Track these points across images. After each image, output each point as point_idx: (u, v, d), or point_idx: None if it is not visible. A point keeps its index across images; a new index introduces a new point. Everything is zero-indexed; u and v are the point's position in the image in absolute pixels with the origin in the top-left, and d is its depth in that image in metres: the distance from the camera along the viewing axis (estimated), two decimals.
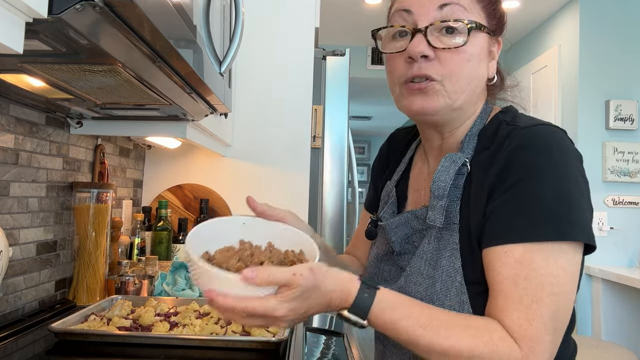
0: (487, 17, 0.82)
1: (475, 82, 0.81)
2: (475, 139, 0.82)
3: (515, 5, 3.71)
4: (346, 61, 2.30)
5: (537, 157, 0.72)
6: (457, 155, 0.80)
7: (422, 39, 0.77)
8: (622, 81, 3.46)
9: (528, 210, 0.71)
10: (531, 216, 0.71)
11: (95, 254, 1.46)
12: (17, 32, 0.58)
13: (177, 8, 0.87)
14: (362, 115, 7.23)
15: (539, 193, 0.71)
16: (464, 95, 0.80)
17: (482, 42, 0.81)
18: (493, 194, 0.74)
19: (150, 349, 1.03)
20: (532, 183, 0.72)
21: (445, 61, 0.77)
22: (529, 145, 0.74)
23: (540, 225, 0.70)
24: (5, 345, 1.07)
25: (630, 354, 2.64)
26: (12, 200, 1.23)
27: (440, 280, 0.77)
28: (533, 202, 0.71)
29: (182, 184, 2.24)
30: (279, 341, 1.04)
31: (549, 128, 0.76)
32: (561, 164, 0.72)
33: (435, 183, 0.79)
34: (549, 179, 0.71)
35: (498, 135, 0.78)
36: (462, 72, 0.78)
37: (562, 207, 0.71)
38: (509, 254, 0.71)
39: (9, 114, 1.21)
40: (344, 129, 2.28)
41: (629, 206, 3.40)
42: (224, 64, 1.19)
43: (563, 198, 0.71)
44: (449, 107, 0.80)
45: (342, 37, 4.43)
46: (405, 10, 0.80)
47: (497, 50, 0.86)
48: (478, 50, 0.79)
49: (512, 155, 0.74)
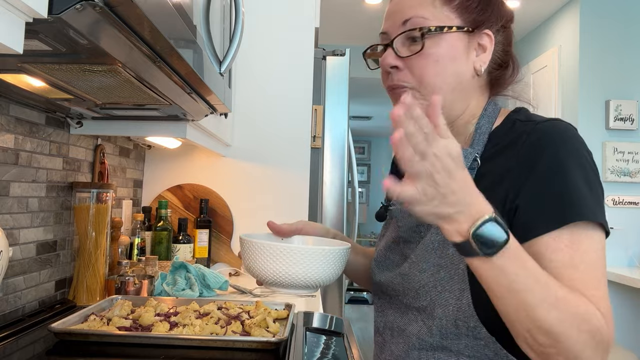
0: (460, 15, 0.84)
1: (453, 79, 0.83)
2: (485, 137, 0.85)
3: (515, 5, 3.71)
4: (346, 61, 2.30)
5: (559, 147, 0.76)
6: (468, 151, 0.83)
7: (390, 52, 0.85)
8: (622, 81, 3.46)
9: (562, 196, 0.74)
10: (566, 201, 0.73)
11: (95, 254, 1.46)
12: (17, 32, 0.58)
13: (177, 8, 0.87)
14: (362, 115, 7.23)
15: (568, 181, 0.74)
16: (445, 92, 0.83)
17: (452, 41, 0.83)
18: (521, 187, 0.76)
19: (150, 349, 1.03)
20: (560, 172, 0.75)
21: (414, 68, 0.83)
22: (548, 138, 0.77)
23: (577, 207, 0.73)
24: (5, 345, 1.07)
25: (630, 354, 2.64)
26: (12, 200, 1.23)
27: (445, 267, 0.79)
28: (565, 189, 0.74)
29: (182, 184, 2.24)
30: (279, 341, 1.04)
31: (564, 123, 0.80)
32: (581, 154, 0.77)
33: None
34: (574, 168, 0.75)
35: (513, 132, 0.82)
36: (432, 74, 0.82)
37: (590, 192, 0.74)
38: (558, 240, 0.72)
39: (9, 114, 1.21)
40: (344, 129, 2.28)
41: (629, 206, 3.40)
42: (224, 64, 1.19)
43: (588, 184, 0.75)
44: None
45: (342, 37, 4.43)
46: (383, 33, 0.89)
47: (489, 42, 0.86)
48: (445, 51, 0.83)
49: (534, 149, 0.77)
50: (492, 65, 0.88)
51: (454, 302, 0.78)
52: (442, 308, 0.79)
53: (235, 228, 2.24)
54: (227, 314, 1.24)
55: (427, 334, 0.81)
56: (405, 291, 0.86)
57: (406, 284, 0.86)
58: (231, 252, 2.22)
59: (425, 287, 0.82)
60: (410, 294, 0.85)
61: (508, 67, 0.90)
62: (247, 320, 1.16)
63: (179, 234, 1.98)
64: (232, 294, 1.69)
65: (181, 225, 1.99)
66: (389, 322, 0.90)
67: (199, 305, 1.29)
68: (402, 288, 0.86)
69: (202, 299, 1.37)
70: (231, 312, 1.25)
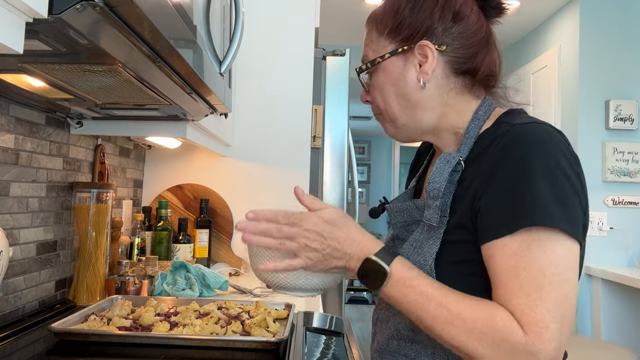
0: (393, 39, 0.88)
1: (399, 100, 0.88)
2: (472, 140, 0.84)
3: (515, 6, 3.71)
4: (346, 61, 2.30)
5: (527, 150, 0.74)
6: (452, 155, 0.83)
7: (362, 90, 0.95)
8: (622, 81, 3.46)
9: (519, 200, 0.72)
10: (522, 205, 0.72)
11: (96, 254, 1.46)
12: (17, 32, 0.58)
13: (177, 8, 0.87)
14: (362, 115, 7.23)
15: (529, 184, 0.72)
16: (401, 114, 0.89)
17: (389, 67, 0.88)
18: (485, 188, 0.76)
19: (150, 349, 1.03)
20: (523, 175, 0.73)
21: (374, 99, 0.92)
22: (519, 140, 0.75)
23: (532, 211, 0.71)
24: (5, 345, 1.07)
25: (630, 354, 2.64)
26: (12, 200, 1.24)
27: (418, 264, 0.82)
28: (524, 193, 0.72)
29: (182, 184, 2.24)
30: (279, 341, 1.04)
31: (543, 126, 0.77)
32: (552, 158, 0.73)
33: (430, 184, 0.83)
34: (539, 172, 0.72)
35: (496, 134, 0.80)
36: (381, 101, 0.90)
37: (554, 197, 0.71)
38: (506, 247, 0.72)
39: (9, 114, 1.21)
40: (344, 129, 2.28)
41: (629, 206, 3.40)
42: (224, 64, 1.19)
43: (554, 190, 0.72)
44: (395, 128, 0.92)
45: (342, 37, 4.43)
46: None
47: (428, 51, 0.84)
48: (383, 77, 0.89)
49: (503, 150, 0.76)
50: (458, 64, 0.85)
51: None
52: None
53: (235, 228, 2.24)
54: (227, 314, 1.24)
55: (403, 327, 0.84)
56: None
57: None
58: (231, 252, 2.22)
59: None
60: None
61: (480, 58, 0.86)
62: (247, 320, 1.16)
63: (179, 234, 1.98)
64: (232, 294, 1.69)
65: (181, 225, 1.99)
66: (380, 314, 0.93)
67: (199, 305, 1.29)
68: None
69: (202, 299, 1.37)
70: (231, 312, 1.25)
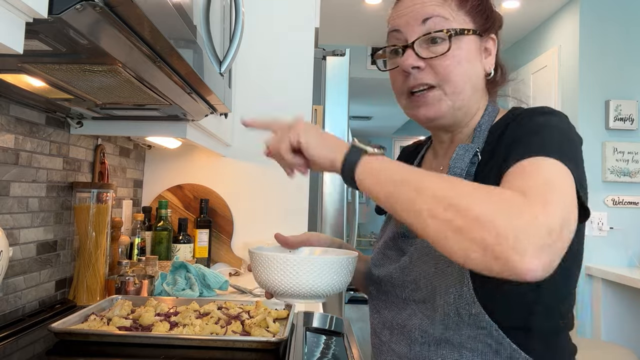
0: (473, 19, 0.87)
1: (472, 80, 0.86)
2: (485, 133, 0.86)
3: (515, 6, 3.71)
4: (346, 61, 2.30)
5: (543, 118, 0.76)
6: (470, 146, 0.85)
7: (410, 53, 0.85)
8: (622, 81, 3.46)
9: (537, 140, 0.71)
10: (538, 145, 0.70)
11: (96, 254, 1.46)
12: (17, 32, 0.58)
13: (177, 8, 0.87)
14: (362, 115, 7.23)
15: (544, 135, 0.72)
16: (463, 95, 0.85)
17: (470, 44, 0.86)
18: (505, 155, 0.74)
19: (150, 349, 1.03)
20: (538, 131, 0.74)
21: (437, 68, 0.84)
22: (535, 112, 0.79)
23: (547, 149, 0.69)
24: (5, 345, 1.07)
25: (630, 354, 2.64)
26: (12, 200, 1.24)
27: (444, 257, 0.77)
28: (539, 139, 0.71)
29: (182, 184, 2.24)
30: (279, 341, 1.04)
31: (553, 108, 0.81)
32: (563, 123, 0.76)
33: (451, 170, 0.84)
34: (554, 135, 0.73)
35: (508, 120, 0.83)
36: (456, 74, 0.84)
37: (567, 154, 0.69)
38: (516, 166, 0.68)
39: (9, 114, 1.21)
40: (344, 129, 2.28)
41: (629, 206, 3.40)
42: (224, 64, 1.19)
43: (567, 146, 0.71)
44: (451, 108, 0.86)
45: (342, 37, 4.43)
46: (395, 31, 0.88)
47: (493, 46, 0.90)
48: (465, 53, 0.85)
49: (517, 121, 0.79)
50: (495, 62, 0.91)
51: (454, 290, 0.78)
52: (443, 296, 0.79)
53: (235, 228, 2.24)
54: (227, 313, 1.24)
55: (429, 325, 0.81)
56: (404, 284, 0.87)
57: (405, 276, 0.86)
58: (231, 252, 2.22)
59: (426, 277, 0.83)
60: (410, 286, 0.85)
61: (498, 70, 0.93)
62: (247, 320, 1.16)
63: (179, 234, 1.98)
64: (232, 294, 1.69)
65: (181, 225, 1.99)
66: (387, 321, 0.90)
67: (199, 305, 1.29)
68: (401, 281, 0.87)
69: (202, 299, 1.37)
70: (231, 312, 1.25)
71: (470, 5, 0.87)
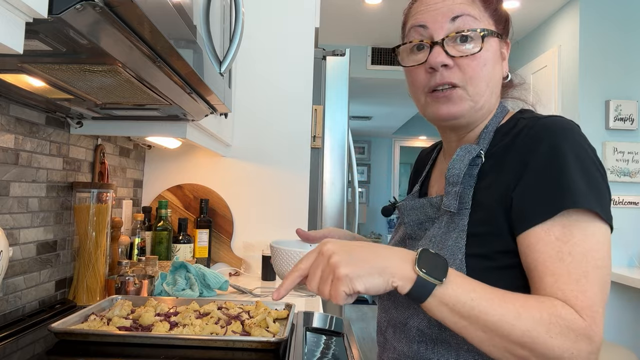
0: (495, 22, 0.88)
1: (493, 83, 0.87)
2: (491, 135, 0.87)
3: (515, 6, 3.71)
4: (346, 61, 2.30)
5: (557, 140, 0.76)
6: (473, 146, 0.84)
7: (440, 50, 0.83)
8: (622, 81, 3.46)
9: (556, 185, 0.73)
10: (560, 189, 0.73)
11: (95, 254, 1.46)
12: (17, 32, 0.58)
13: (177, 8, 0.87)
14: (362, 115, 7.23)
15: (564, 171, 0.73)
16: (485, 97, 0.86)
17: (494, 46, 0.87)
18: (520, 178, 0.76)
19: (150, 349, 1.03)
20: (555, 162, 0.74)
21: (464, 68, 0.83)
22: (548, 131, 0.77)
23: (570, 194, 0.72)
24: (5, 345, 1.07)
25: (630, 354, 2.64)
26: (12, 200, 1.23)
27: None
28: (560, 178, 0.73)
29: (182, 184, 2.24)
30: (279, 341, 1.04)
31: (565, 119, 0.80)
32: (580, 147, 0.76)
33: (449, 171, 0.84)
34: (571, 159, 0.74)
35: (516, 128, 0.83)
36: (481, 76, 0.84)
37: (586, 183, 0.73)
38: (549, 232, 0.72)
39: (9, 114, 1.21)
40: (344, 129, 2.28)
41: (629, 206, 3.40)
42: (224, 64, 1.19)
43: (585, 176, 0.73)
44: (472, 109, 0.86)
45: (342, 37, 4.43)
46: (420, 26, 0.86)
47: (507, 51, 0.92)
48: (491, 55, 0.85)
49: (533, 141, 0.78)
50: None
51: None
52: None
53: (235, 228, 2.24)
54: (227, 314, 1.24)
55: (427, 326, 0.81)
56: None
57: None
58: (231, 252, 2.22)
59: None
60: None
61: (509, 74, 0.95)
62: (247, 320, 1.16)
63: (179, 234, 1.98)
64: (232, 294, 1.69)
65: (181, 225, 1.99)
66: (392, 319, 0.91)
67: (199, 305, 1.29)
68: None
69: (202, 299, 1.37)
70: (231, 312, 1.25)
71: (494, 7, 0.88)
